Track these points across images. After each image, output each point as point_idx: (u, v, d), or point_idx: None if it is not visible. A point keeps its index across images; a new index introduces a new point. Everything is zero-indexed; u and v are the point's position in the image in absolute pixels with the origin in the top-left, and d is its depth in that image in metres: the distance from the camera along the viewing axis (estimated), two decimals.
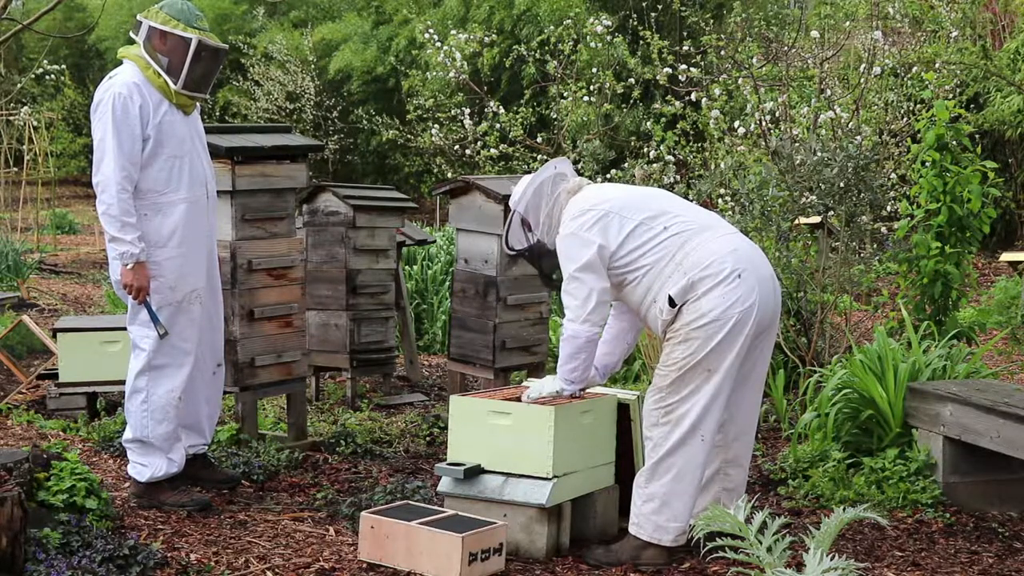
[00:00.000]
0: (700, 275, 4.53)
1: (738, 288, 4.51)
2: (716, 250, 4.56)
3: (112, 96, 4.91)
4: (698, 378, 4.56)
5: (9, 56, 21.18)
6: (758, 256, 4.69)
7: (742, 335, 4.52)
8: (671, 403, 4.59)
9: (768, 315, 4.63)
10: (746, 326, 4.52)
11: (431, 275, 9.60)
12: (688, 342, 4.54)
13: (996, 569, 4.74)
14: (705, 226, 4.66)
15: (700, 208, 4.86)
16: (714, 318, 4.51)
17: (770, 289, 4.63)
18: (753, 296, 4.53)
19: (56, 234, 16.40)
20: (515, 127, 14.61)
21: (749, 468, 5.92)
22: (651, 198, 4.77)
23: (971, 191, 7.42)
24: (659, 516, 4.60)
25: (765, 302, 4.58)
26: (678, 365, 4.57)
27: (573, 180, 4.84)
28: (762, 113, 10.97)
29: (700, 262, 4.54)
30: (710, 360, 4.54)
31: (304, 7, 21.54)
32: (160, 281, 4.99)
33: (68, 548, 4.28)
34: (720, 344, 4.51)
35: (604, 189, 4.81)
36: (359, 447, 6.12)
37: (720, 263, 4.53)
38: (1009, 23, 14.98)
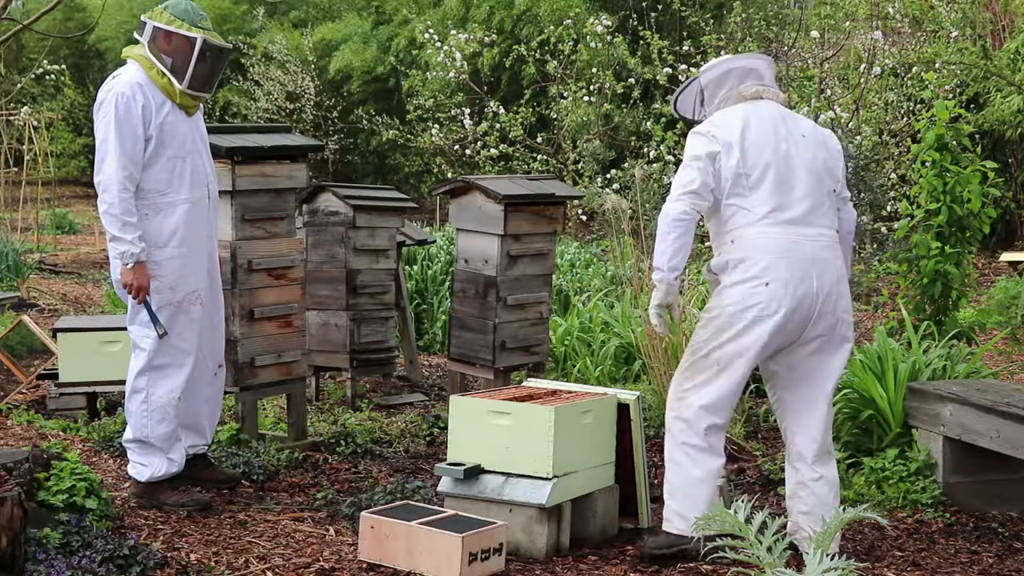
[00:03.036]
0: (736, 264, 4.52)
1: (760, 294, 4.47)
2: (762, 247, 4.50)
3: (115, 96, 4.91)
4: (707, 371, 4.56)
5: (9, 56, 21.17)
6: (810, 268, 4.52)
7: (753, 340, 4.49)
8: (686, 389, 4.62)
9: (799, 328, 4.52)
10: (760, 332, 4.47)
11: (431, 275, 9.60)
12: (705, 328, 4.59)
13: (996, 569, 4.74)
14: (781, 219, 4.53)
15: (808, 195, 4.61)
16: (728, 313, 4.51)
17: (809, 304, 4.50)
18: (774, 307, 4.46)
19: (56, 234, 16.41)
20: (515, 127, 14.61)
21: (755, 467, 5.93)
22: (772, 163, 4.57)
23: (971, 191, 7.42)
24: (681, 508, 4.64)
25: (796, 315, 4.49)
26: (693, 348, 4.61)
27: (755, 87, 4.74)
28: None
29: (741, 250, 4.52)
30: (719, 355, 4.54)
31: (304, 7, 21.55)
32: (160, 281, 4.99)
33: (68, 548, 4.27)
34: (729, 342, 4.51)
35: (752, 121, 4.62)
36: (359, 447, 6.12)
37: (753, 262, 4.49)
38: (1009, 23, 14.98)
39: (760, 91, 4.74)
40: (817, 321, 4.55)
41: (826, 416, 4.69)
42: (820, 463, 4.67)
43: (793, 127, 4.71)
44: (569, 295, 9.32)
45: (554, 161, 14.64)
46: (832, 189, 4.70)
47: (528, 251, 6.54)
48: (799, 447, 4.68)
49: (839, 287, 4.60)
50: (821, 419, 4.67)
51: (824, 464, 4.68)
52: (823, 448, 4.69)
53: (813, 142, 4.72)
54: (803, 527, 4.65)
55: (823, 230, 4.62)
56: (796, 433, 4.69)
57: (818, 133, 4.79)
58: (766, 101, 4.74)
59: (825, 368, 4.65)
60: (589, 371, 7.46)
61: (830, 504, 4.66)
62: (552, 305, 7.13)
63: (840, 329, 4.62)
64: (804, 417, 4.67)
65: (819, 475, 4.66)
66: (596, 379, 7.36)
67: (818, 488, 4.66)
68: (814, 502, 4.65)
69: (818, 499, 4.65)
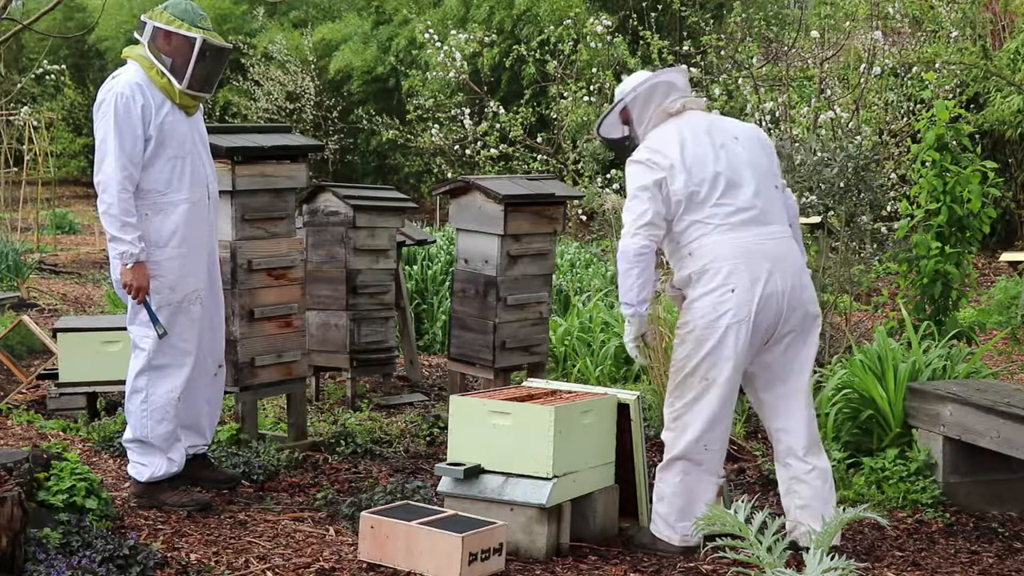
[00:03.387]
0: (698, 275, 4.57)
1: (728, 301, 4.51)
2: (722, 254, 4.54)
3: (114, 96, 4.91)
4: (698, 386, 4.60)
5: (9, 56, 21.17)
6: (771, 264, 4.57)
7: (733, 348, 4.53)
8: (677, 408, 4.66)
9: (772, 323, 4.57)
10: (738, 340, 4.52)
11: (431, 275, 9.60)
12: (683, 344, 4.62)
13: (996, 569, 4.74)
14: (734, 224, 4.58)
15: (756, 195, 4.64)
16: (701, 326, 4.55)
17: (776, 302, 4.55)
18: (745, 312, 4.51)
19: (56, 234, 16.40)
20: (515, 127, 14.61)
21: (755, 467, 5.93)
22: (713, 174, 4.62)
23: (971, 191, 7.42)
24: (668, 516, 4.71)
25: (766, 314, 4.53)
26: (676, 367, 4.65)
27: (679, 101, 4.79)
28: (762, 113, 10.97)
29: (701, 260, 4.56)
30: (705, 369, 4.57)
31: (304, 7, 21.54)
32: (160, 281, 4.99)
33: (68, 548, 4.27)
34: (712, 352, 4.54)
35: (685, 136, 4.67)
36: (359, 447, 6.12)
37: (716, 271, 4.53)
38: (1009, 23, 14.98)
39: (685, 103, 4.80)
40: (788, 317, 4.60)
41: (809, 407, 4.74)
42: (811, 455, 4.71)
43: (724, 131, 4.78)
44: (569, 295, 9.32)
45: (554, 161, 14.64)
46: (775, 185, 4.76)
47: (528, 251, 6.54)
48: (788, 443, 4.72)
49: (802, 279, 4.66)
50: (805, 411, 4.72)
51: (815, 455, 4.72)
52: (812, 439, 4.73)
53: (747, 140, 4.78)
54: (801, 522, 4.67)
55: (777, 227, 4.67)
56: (782, 430, 4.73)
57: (749, 130, 4.86)
58: (691, 112, 4.80)
59: (800, 361, 4.69)
60: (589, 371, 7.46)
61: (826, 495, 4.69)
62: (552, 305, 7.13)
63: (808, 320, 4.67)
64: (788, 413, 4.71)
65: (811, 466, 4.69)
66: (596, 379, 7.36)
67: (812, 480, 4.68)
68: (810, 494, 4.68)
69: (814, 491, 4.68)
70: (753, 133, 4.84)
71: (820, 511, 4.64)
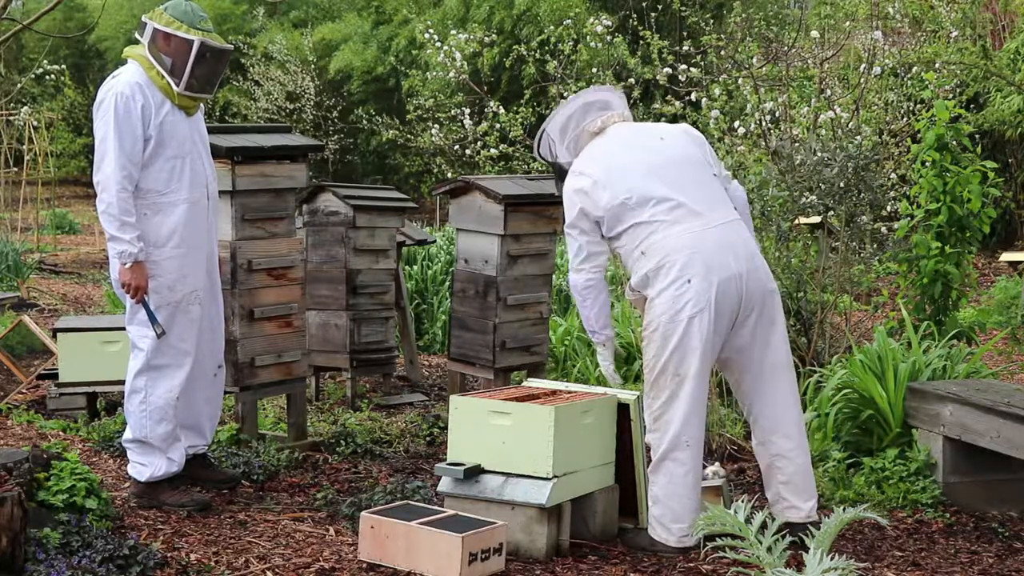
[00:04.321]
0: (654, 273, 4.62)
1: (687, 292, 4.55)
2: (674, 247, 4.58)
3: (114, 96, 4.91)
4: (671, 384, 4.63)
5: (9, 56, 21.17)
6: (725, 251, 4.61)
7: (699, 338, 4.56)
8: (655, 409, 4.70)
9: (734, 307, 4.60)
10: (700, 330, 4.55)
11: (431, 275, 9.59)
12: (650, 344, 4.66)
13: (996, 569, 4.74)
14: (680, 216, 4.62)
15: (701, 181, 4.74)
16: (665, 321, 4.59)
17: (735, 286, 4.59)
18: (704, 300, 4.54)
19: (56, 234, 16.40)
20: (515, 127, 14.60)
21: (755, 467, 5.93)
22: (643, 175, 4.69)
23: (971, 191, 7.42)
24: (663, 518, 4.72)
25: (726, 299, 4.57)
26: (648, 367, 4.69)
27: (600, 118, 4.86)
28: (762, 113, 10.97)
29: (654, 258, 4.61)
30: (674, 364, 4.60)
31: (304, 7, 21.55)
32: (159, 281, 4.98)
33: (68, 548, 4.27)
34: (678, 348, 4.58)
35: (607, 152, 4.76)
36: (359, 447, 6.12)
37: (671, 265, 4.57)
38: (1009, 23, 14.97)
39: (604, 121, 4.87)
40: (748, 299, 4.65)
41: (791, 383, 4.80)
42: (792, 431, 4.78)
43: (648, 135, 4.89)
44: (569, 295, 9.32)
45: None
46: (713, 174, 4.81)
47: (528, 251, 6.54)
48: (770, 421, 4.77)
49: (756, 261, 4.72)
50: (787, 388, 4.78)
51: (799, 432, 4.80)
52: (791, 417, 4.78)
53: (674, 138, 4.86)
54: (784, 497, 4.77)
55: (722, 213, 4.72)
56: (764, 407, 4.77)
57: (676, 128, 4.96)
58: (614, 127, 4.86)
59: (770, 339, 4.73)
60: (589, 371, 7.46)
61: (805, 467, 4.79)
62: (552, 305, 7.13)
63: (768, 297, 4.72)
64: (768, 391, 4.76)
65: (795, 444, 4.77)
66: (596, 379, 7.35)
67: (796, 456, 4.77)
68: (793, 470, 4.77)
69: (796, 467, 4.77)
70: (679, 130, 4.95)
71: (802, 484, 4.75)
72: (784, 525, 4.24)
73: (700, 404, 4.68)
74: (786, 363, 4.81)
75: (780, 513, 4.70)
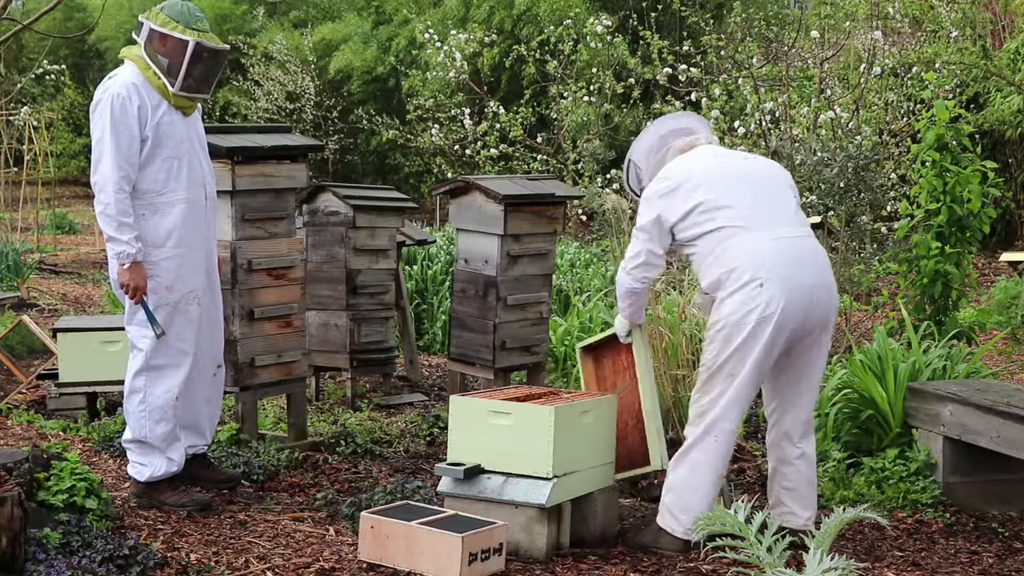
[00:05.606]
0: (727, 276, 4.59)
1: (758, 296, 4.52)
2: (748, 253, 4.57)
3: (110, 96, 4.91)
4: (723, 382, 4.63)
5: (9, 56, 21.17)
6: (799, 263, 4.62)
7: (760, 342, 4.53)
8: (703, 404, 4.69)
9: (800, 322, 4.59)
10: (765, 334, 4.53)
11: (431, 275, 9.59)
12: (712, 344, 4.64)
13: (996, 569, 4.74)
14: (756, 224, 4.63)
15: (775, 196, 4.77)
16: (732, 323, 4.56)
17: (805, 298, 4.58)
18: (775, 305, 4.52)
19: (56, 234, 16.40)
20: (515, 127, 14.61)
21: (755, 467, 5.94)
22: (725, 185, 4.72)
23: (971, 191, 7.42)
24: (674, 507, 4.71)
25: (795, 310, 4.55)
26: (706, 367, 4.67)
27: (686, 138, 4.90)
28: (762, 113, 10.98)
29: (729, 262, 4.58)
30: (731, 364, 4.59)
31: (304, 7, 21.54)
32: (157, 281, 4.98)
33: (68, 548, 4.27)
34: (739, 349, 4.56)
35: (691, 163, 4.80)
36: (359, 447, 6.12)
37: (744, 269, 4.55)
38: (1009, 23, 14.98)
39: (692, 141, 4.90)
40: (813, 315, 4.63)
41: (815, 395, 4.87)
42: (803, 440, 4.81)
43: (735, 154, 5.02)
44: (569, 295, 9.32)
45: (554, 161, 14.64)
46: (793, 196, 4.85)
47: (528, 251, 6.54)
48: (786, 427, 4.80)
49: (828, 278, 4.72)
50: (812, 398, 4.83)
51: (807, 441, 4.83)
52: (808, 426, 4.83)
53: (760, 160, 5.03)
54: (784, 502, 4.80)
55: (799, 228, 4.74)
56: (786, 413, 4.79)
57: (757, 157, 5.10)
58: (701, 147, 4.90)
59: (820, 353, 4.77)
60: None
61: (811, 478, 4.84)
62: (552, 305, 7.13)
63: (832, 320, 4.76)
64: (795, 398, 4.78)
65: (801, 451, 4.80)
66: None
67: (800, 465, 4.80)
68: (797, 477, 4.80)
69: (800, 474, 4.80)
70: (762, 159, 5.07)
71: (805, 493, 4.79)
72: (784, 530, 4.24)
73: (741, 406, 4.66)
74: (818, 380, 4.85)
75: (778, 517, 4.70)
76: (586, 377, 5.39)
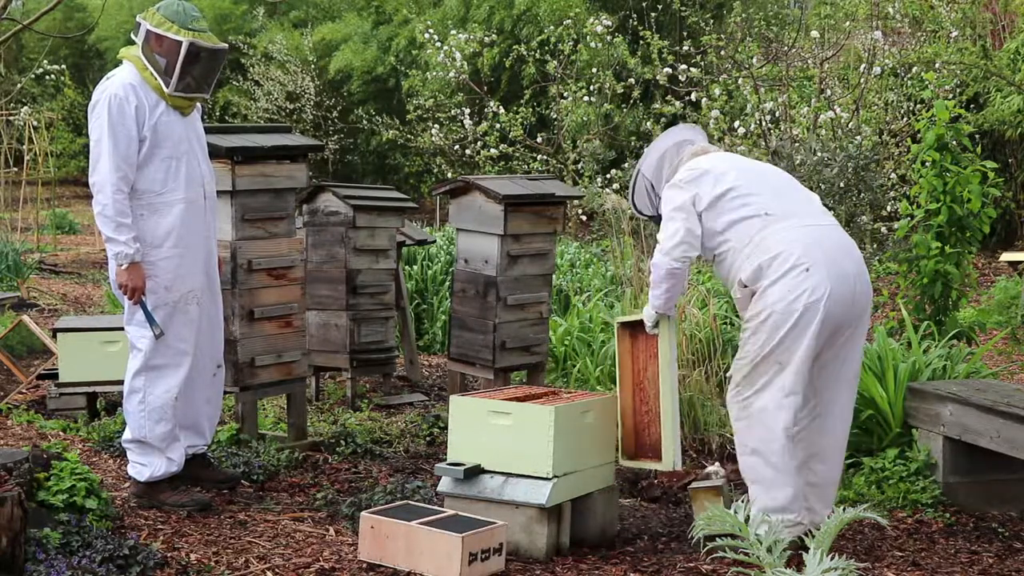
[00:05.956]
0: (768, 263, 4.54)
1: (804, 281, 4.49)
2: (790, 239, 4.55)
3: (108, 97, 4.91)
4: (770, 371, 4.56)
5: (9, 56, 21.17)
6: (839, 251, 4.63)
7: (809, 328, 4.49)
8: (747, 396, 4.63)
9: (844, 311, 4.56)
10: (813, 320, 4.48)
11: (431, 275, 9.59)
12: (757, 335, 4.57)
13: (996, 569, 4.74)
14: (791, 213, 4.64)
15: (801, 191, 4.82)
16: (779, 310, 4.51)
17: (849, 286, 4.57)
18: (822, 290, 4.48)
19: (56, 234, 16.40)
20: (515, 127, 14.61)
21: None
22: (753, 174, 4.77)
23: (971, 191, 7.42)
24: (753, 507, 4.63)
25: (839, 297, 4.53)
26: (749, 358, 4.60)
27: (699, 144, 4.91)
28: (762, 113, 10.97)
29: (770, 249, 4.55)
30: (779, 353, 4.53)
31: (304, 7, 21.53)
32: (155, 281, 4.98)
33: (68, 548, 4.27)
34: (787, 337, 4.51)
35: (714, 157, 4.82)
36: (359, 447, 6.12)
37: (788, 254, 4.52)
38: (1009, 23, 14.98)
39: (706, 147, 4.91)
40: (856, 303, 4.62)
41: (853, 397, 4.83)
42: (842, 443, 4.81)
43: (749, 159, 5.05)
44: (569, 295, 9.32)
45: (554, 161, 14.64)
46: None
47: (528, 251, 6.54)
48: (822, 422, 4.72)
49: (864, 269, 4.72)
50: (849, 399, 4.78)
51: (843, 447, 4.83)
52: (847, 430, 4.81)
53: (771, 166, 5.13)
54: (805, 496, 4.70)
55: (832, 220, 4.80)
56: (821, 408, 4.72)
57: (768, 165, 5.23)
58: (714, 152, 4.91)
59: (858, 347, 4.75)
60: (589, 371, 7.46)
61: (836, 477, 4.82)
62: (552, 305, 7.13)
63: (869, 310, 4.74)
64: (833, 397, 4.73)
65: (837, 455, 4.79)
66: (596, 379, 7.36)
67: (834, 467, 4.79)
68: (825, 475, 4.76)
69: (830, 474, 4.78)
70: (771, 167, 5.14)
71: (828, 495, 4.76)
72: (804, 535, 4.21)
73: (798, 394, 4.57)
74: (856, 375, 4.81)
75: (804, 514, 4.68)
76: (621, 353, 5.13)
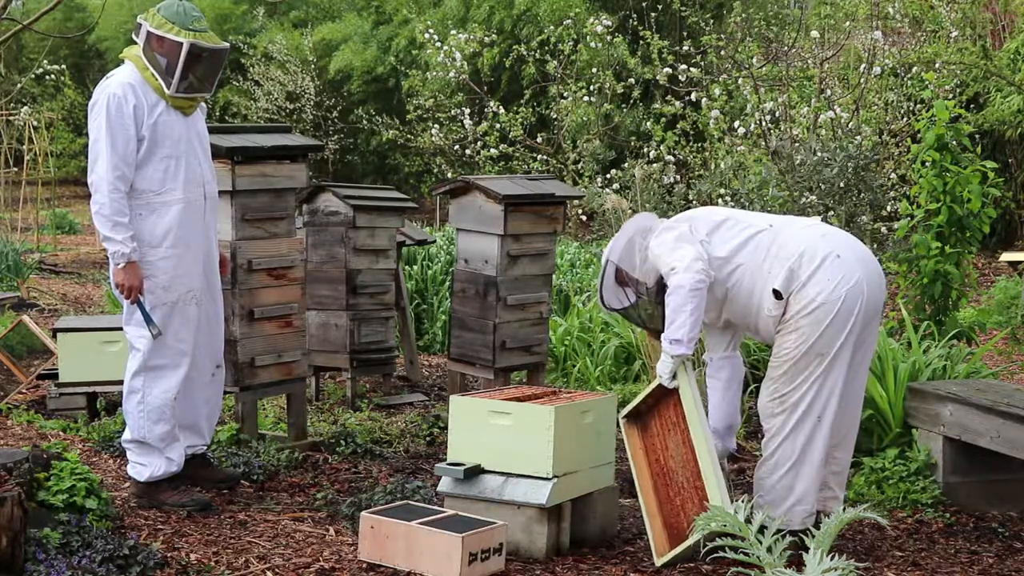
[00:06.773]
0: (798, 263, 4.56)
1: (840, 268, 4.53)
2: (807, 236, 4.62)
3: (107, 97, 4.91)
4: (811, 364, 4.57)
5: (9, 56, 21.17)
6: (851, 240, 4.73)
7: (852, 315, 4.52)
8: (785, 392, 4.63)
9: (878, 293, 4.62)
10: (855, 306, 4.52)
11: (431, 275, 9.59)
12: (798, 331, 4.57)
13: (996, 569, 4.74)
14: (791, 222, 4.77)
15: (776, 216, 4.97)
16: (822, 302, 4.52)
17: (875, 268, 4.65)
18: (857, 274, 4.54)
19: (56, 234, 16.40)
20: (515, 127, 14.61)
21: (753, 467, 5.93)
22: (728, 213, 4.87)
23: (971, 191, 7.42)
24: (785, 503, 4.67)
25: (871, 280, 4.59)
26: (790, 355, 4.59)
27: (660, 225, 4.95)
28: (762, 113, 10.98)
29: (795, 251, 4.58)
30: (820, 345, 4.55)
31: (304, 7, 21.53)
32: (153, 281, 4.98)
33: (68, 548, 4.27)
34: (829, 327, 4.52)
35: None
36: (359, 447, 6.12)
37: (812, 248, 4.57)
38: (1009, 23, 14.98)
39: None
40: (881, 285, 4.68)
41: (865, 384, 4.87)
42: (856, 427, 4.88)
43: None
44: (569, 295, 9.32)
45: (554, 161, 14.65)
46: None
47: (528, 251, 6.54)
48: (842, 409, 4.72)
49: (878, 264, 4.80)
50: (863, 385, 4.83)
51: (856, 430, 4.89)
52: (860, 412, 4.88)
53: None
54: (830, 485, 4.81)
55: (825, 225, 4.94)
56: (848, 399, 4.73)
57: None
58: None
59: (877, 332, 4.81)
60: (589, 371, 7.46)
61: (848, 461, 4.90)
62: (552, 305, 7.13)
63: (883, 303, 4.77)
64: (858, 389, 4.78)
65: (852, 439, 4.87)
66: (596, 379, 7.36)
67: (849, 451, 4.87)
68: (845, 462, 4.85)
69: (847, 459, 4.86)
70: None
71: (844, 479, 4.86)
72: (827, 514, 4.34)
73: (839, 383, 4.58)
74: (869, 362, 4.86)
75: (821, 503, 4.73)
76: (633, 451, 4.95)
